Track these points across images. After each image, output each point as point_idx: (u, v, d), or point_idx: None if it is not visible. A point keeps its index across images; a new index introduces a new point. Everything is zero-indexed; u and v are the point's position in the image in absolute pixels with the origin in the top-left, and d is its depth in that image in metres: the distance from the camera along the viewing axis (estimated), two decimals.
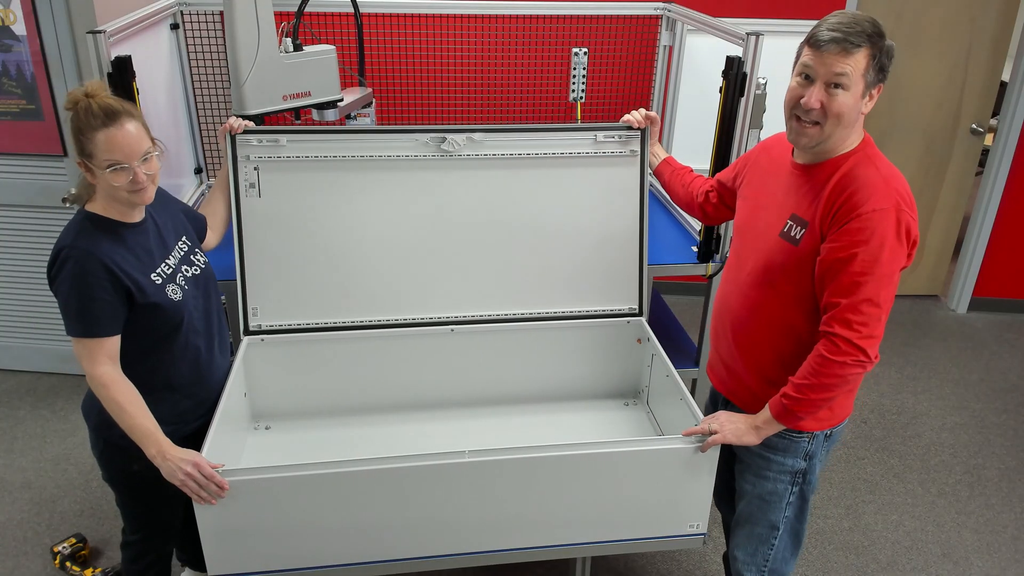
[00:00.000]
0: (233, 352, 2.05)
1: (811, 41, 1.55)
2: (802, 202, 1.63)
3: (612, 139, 2.15)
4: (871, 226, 1.51)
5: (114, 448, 1.75)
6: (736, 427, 1.70)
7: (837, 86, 1.52)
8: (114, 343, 1.63)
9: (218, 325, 1.89)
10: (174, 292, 1.71)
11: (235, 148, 2.03)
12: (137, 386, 1.65)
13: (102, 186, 1.62)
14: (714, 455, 1.76)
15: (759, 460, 1.81)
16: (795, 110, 1.58)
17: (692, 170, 2.17)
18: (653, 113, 2.18)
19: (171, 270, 1.73)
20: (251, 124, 2.07)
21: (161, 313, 1.68)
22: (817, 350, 1.59)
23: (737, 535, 1.93)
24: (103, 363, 1.61)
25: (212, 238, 2.02)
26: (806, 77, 1.56)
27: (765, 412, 1.69)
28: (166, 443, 1.62)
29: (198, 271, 1.82)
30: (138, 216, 1.71)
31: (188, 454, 1.60)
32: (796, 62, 1.61)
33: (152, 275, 1.68)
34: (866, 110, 1.57)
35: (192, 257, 1.83)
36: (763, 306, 1.71)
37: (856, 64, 1.51)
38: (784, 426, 1.70)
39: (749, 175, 1.85)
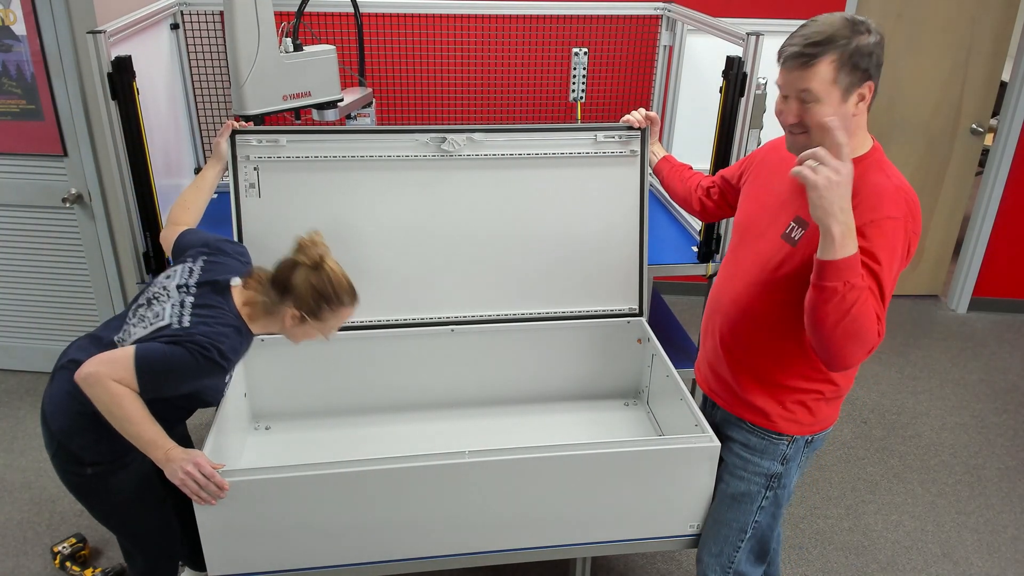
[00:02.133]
0: None
1: (778, 58, 1.55)
2: (807, 204, 1.61)
3: (612, 139, 2.15)
4: (884, 231, 1.48)
5: (66, 454, 1.71)
6: (835, 192, 1.40)
7: (807, 101, 1.51)
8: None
9: None
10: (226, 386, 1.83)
11: (235, 148, 2.03)
12: None
13: (291, 330, 1.74)
14: (714, 457, 1.76)
15: (736, 459, 1.79)
16: (781, 124, 1.58)
17: (691, 167, 2.17)
18: (653, 113, 2.18)
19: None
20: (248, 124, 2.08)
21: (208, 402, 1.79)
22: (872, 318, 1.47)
23: (704, 534, 1.88)
24: (119, 386, 1.57)
25: (189, 220, 1.99)
26: (785, 95, 1.56)
27: (853, 240, 1.41)
28: (171, 445, 1.62)
29: None
30: None
31: (190, 453, 1.60)
32: None
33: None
34: (858, 112, 1.54)
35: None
36: (754, 307, 1.69)
37: (820, 75, 1.48)
38: (830, 253, 1.40)
39: (756, 172, 1.83)
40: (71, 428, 1.66)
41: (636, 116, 2.16)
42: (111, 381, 1.54)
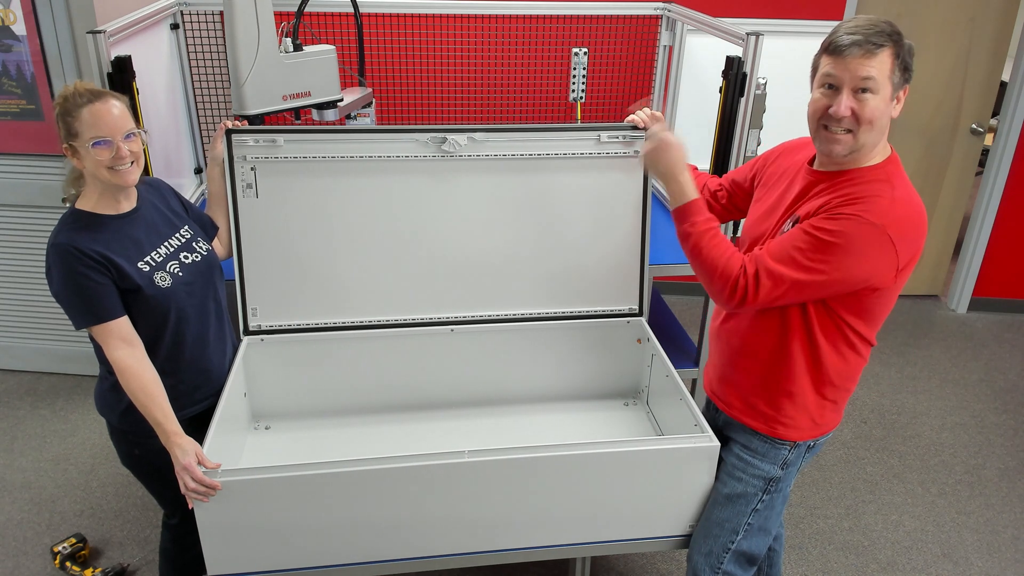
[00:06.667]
0: (234, 347, 2.05)
1: (830, 48, 1.50)
2: (809, 205, 1.59)
3: (616, 139, 2.15)
4: (843, 228, 1.48)
5: (118, 433, 1.82)
6: (663, 153, 1.74)
7: (865, 91, 1.48)
8: (121, 325, 1.66)
9: (216, 311, 1.90)
10: (162, 279, 1.73)
11: (232, 148, 2.03)
12: None
13: (88, 168, 1.66)
14: (713, 457, 1.76)
15: (735, 460, 1.78)
16: (823, 120, 1.53)
17: (696, 167, 2.15)
18: (658, 113, 2.17)
19: (162, 258, 1.75)
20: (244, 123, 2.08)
21: (146, 299, 1.70)
22: (734, 258, 1.58)
23: (696, 533, 1.86)
24: (117, 347, 1.66)
25: (221, 250, 2.03)
26: (830, 87, 1.51)
27: (685, 192, 1.69)
28: (172, 433, 1.64)
29: (199, 258, 1.84)
30: (127, 206, 1.75)
31: (185, 454, 1.61)
32: (814, 73, 1.56)
33: (139, 263, 1.70)
34: (895, 114, 1.53)
35: (194, 244, 1.85)
36: (758, 313, 1.69)
37: (881, 66, 1.46)
38: (671, 203, 1.71)
39: (767, 176, 1.80)
40: None
41: (641, 116, 2.14)
42: (111, 357, 1.66)
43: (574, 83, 2.98)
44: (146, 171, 2.14)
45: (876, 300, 1.57)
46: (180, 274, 1.77)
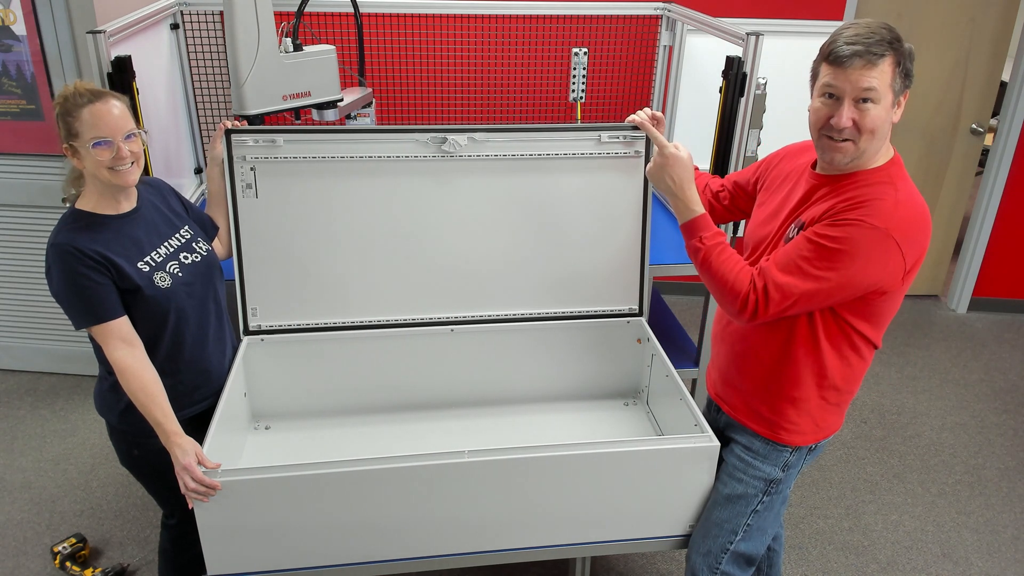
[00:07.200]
0: (234, 347, 2.05)
1: (830, 58, 1.48)
2: (814, 211, 1.59)
3: (616, 139, 2.15)
4: (847, 234, 1.47)
5: (117, 433, 1.82)
6: (669, 169, 1.74)
7: (866, 101, 1.47)
8: (121, 325, 1.66)
9: (216, 311, 1.90)
10: (162, 280, 1.73)
11: (231, 148, 2.02)
12: None
13: (88, 168, 1.66)
14: (713, 457, 1.76)
15: (736, 461, 1.78)
16: (825, 130, 1.53)
17: (696, 167, 2.15)
18: (659, 113, 2.16)
19: (162, 258, 1.75)
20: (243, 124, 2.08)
21: (146, 299, 1.70)
22: (743, 273, 1.59)
23: (695, 533, 1.86)
24: (117, 347, 1.66)
25: (221, 251, 2.03)
26: (830, 96, 1.50)
27: (691, 207, 1.71)
28: (172, 433, 1.64)
29: (198, 258, 1.84)
30: (127, 206, 1.75)
31: (185, 454, 1.61)
32: (814, 81, 1.55)
33: (139, 263, 1.70)
34: (896, 119, 1.53)
35: (194, 244, 1.85)
36: None
37: (882, 75, 1.46)
38: (678, 218, 1.73)
39: (771, 180, 1.80)
40: None
41: (641, 116, 2.14)
42: (111, 357, 1.66)
43: (574, 83, 2.98)
44: (146, 171, 2.15)
45: (883, 303, 1.57)
46: (180, 274, 1.77)
